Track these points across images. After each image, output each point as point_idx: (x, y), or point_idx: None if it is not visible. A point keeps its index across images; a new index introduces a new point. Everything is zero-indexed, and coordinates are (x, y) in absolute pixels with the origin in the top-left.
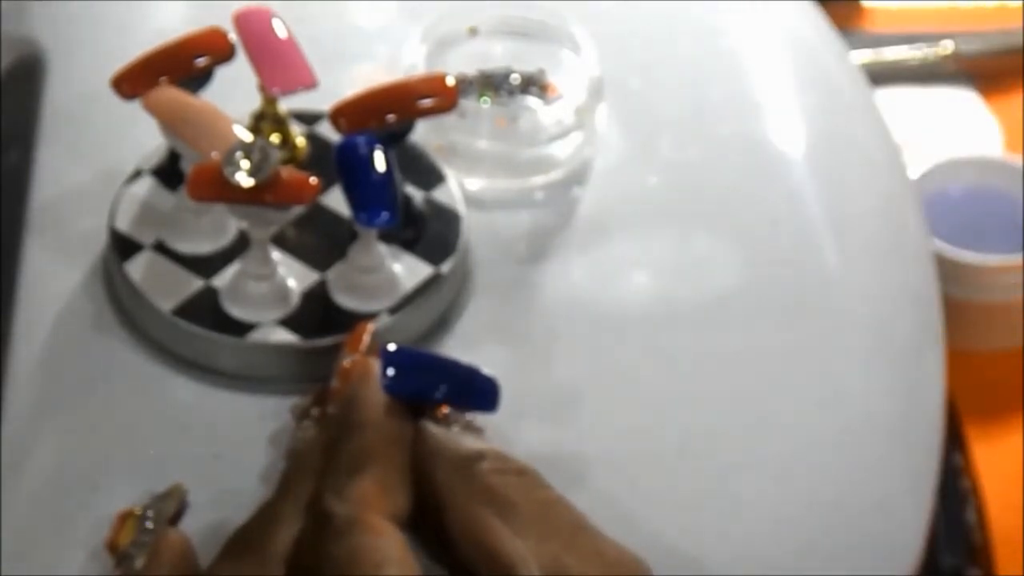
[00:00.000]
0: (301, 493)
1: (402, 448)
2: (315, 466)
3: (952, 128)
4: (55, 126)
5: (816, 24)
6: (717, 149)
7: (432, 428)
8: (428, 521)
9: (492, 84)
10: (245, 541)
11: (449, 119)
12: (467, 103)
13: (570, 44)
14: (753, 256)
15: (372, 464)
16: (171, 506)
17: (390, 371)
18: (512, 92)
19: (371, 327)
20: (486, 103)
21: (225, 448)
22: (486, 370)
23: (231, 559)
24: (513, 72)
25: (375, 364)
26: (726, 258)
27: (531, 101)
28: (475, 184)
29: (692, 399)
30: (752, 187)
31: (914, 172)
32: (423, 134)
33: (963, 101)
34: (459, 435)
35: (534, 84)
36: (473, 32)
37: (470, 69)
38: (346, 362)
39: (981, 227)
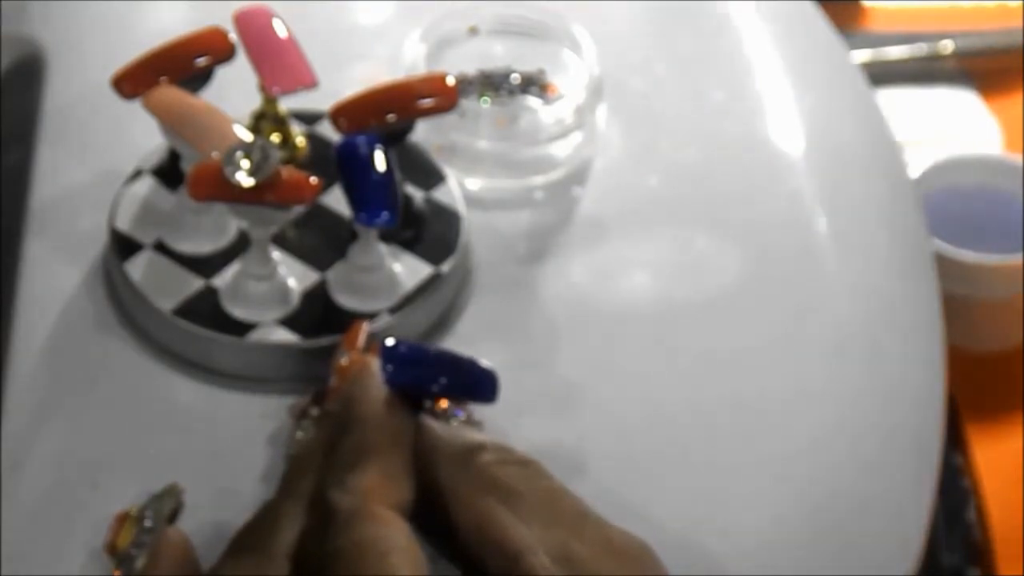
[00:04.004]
0: (302, 492)
1: (403, 442)
2: (316, 465)
3: (952, 128)
4: (55, 126)
5: (816, 24)
6: (717, 149)
7: (432, 423)
8: (432, 514)
9: (492, 84)
10: (248, 541)
11: (449, 119)
12: (467, 103)
13: (570, 44)
14: (753, 256)
15: (374, 457)
16: (168, 506)
17: (389, 366)
18: (512, 92)
19: (366, 325)
20: (486, 103)
21: (225, 448)
22: (485, 362)
23: (234, 559)
24: (513, 72)
25: (373, 361)
26: (726, 258)
27: (531, 101)
28: (475, 184)
29: (692, 398)
30: (752, 187)
31: (914, 172)
32: (423, 134)
33: (963, 101)
34: (459, 428)
35: (534, 84)
36: (473, 32)
37: (470, 69)
38: (343, 360)
39: (981, 227)
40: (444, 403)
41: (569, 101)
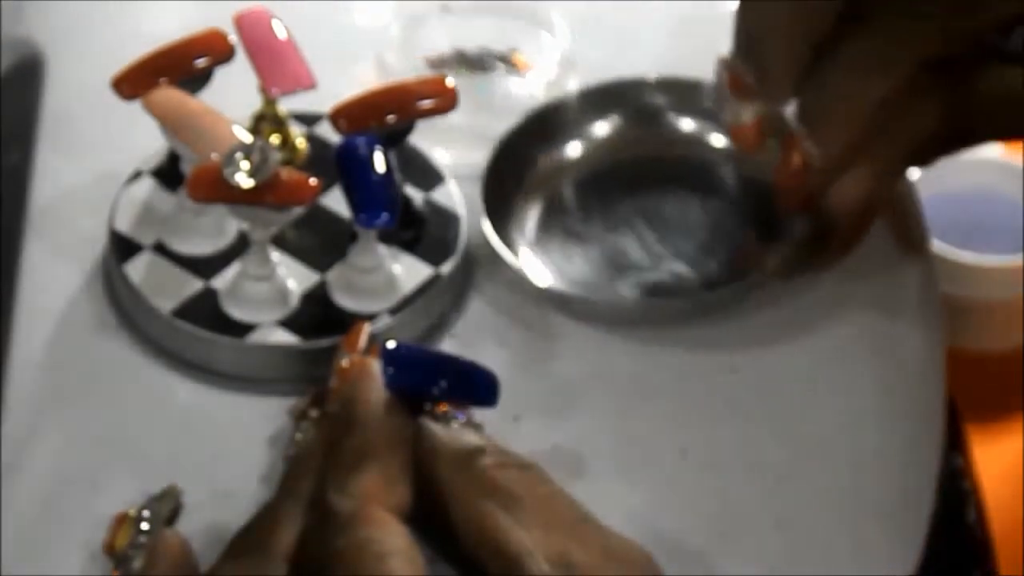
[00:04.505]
0: (302, 493)
1: (403, 445)
2: (315, 466)
3: None
4: (55, 127)
5: None
6: None
7: (432, 425)
8: (432, 517)
9: (465, 60)
10: (247, 542)
11: None
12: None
13: (540, 20)
14: None
15: (373, 460)
16: (167, 507)
17: (390, 369)
18: (485, 68)
19: (367, 327)
20: (460, 77)
21: (225, 449)
22: (485, 366)
23: (233, 560)
24: (485, 48)
25: (373, 363)
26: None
27: (504, 76)
28: (447, 157)
29: (692, 399)
30: None
31: (914, 173)
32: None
33: None
34: (459, 431)
35: (506, 60)
36: (445, 9)
37: (443, 46)
38: (344, 362)
39: (981, 227)
40: (444, 406)
41: (540, 76)
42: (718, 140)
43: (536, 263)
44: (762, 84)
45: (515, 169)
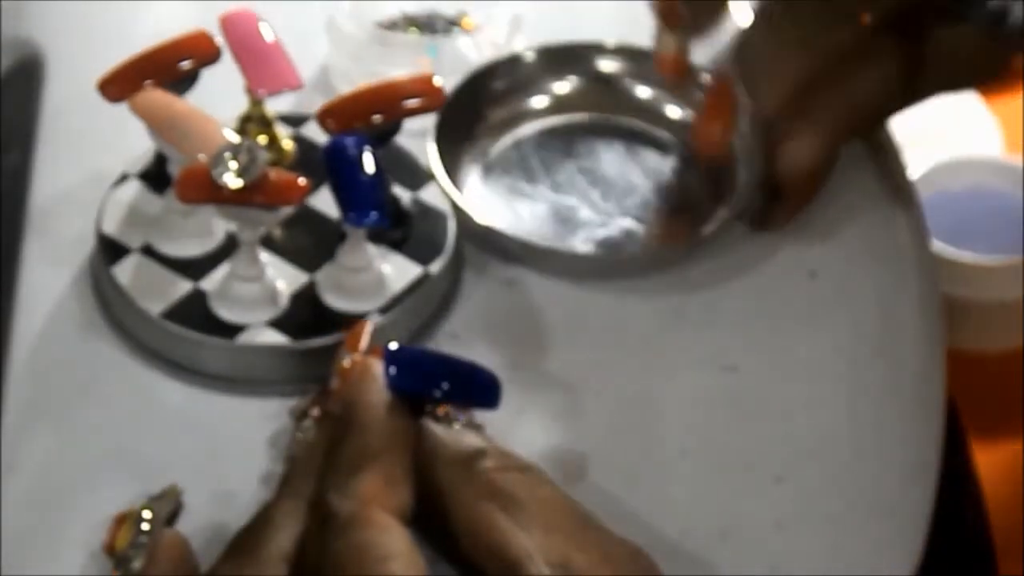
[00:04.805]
0: (302, 494)
1: (404, 446)
2: (316, 466)
3: (952, 128)
4: (54, 127)
5: None
6: None
7: (433, 427)
8: (432, 518)
9: (415, 22)
10: (246, 543)
11: (372, 50)
12: (390, 35)
13: None
14: (753, 256)
15: (374, 462)
16: (167, 507)
17: (392, 369)
18: (434, 30)
19: (370, 326)
20: (411, 33)
21: (218, 449)
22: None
23: (232, 560)
24: (434, 11)
25: (375, 363)
26: (723, 258)
27: (453, 37)
28: None
29: (691, 399)
30: None
31: (914, 172)
32: (341, 66)
33: (963, 101)
34: (460, 433)
35: (455, 22)
36: None
37: (395, 11)
38: (345, 362)
39: (981, 227)
40: (445, 407)
41: (489, 37)
42: (671, 110)
43: (483, 211)
44: (692, 13)
45: (467, 120)
